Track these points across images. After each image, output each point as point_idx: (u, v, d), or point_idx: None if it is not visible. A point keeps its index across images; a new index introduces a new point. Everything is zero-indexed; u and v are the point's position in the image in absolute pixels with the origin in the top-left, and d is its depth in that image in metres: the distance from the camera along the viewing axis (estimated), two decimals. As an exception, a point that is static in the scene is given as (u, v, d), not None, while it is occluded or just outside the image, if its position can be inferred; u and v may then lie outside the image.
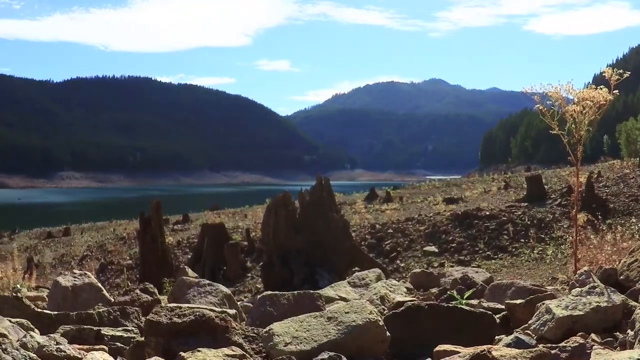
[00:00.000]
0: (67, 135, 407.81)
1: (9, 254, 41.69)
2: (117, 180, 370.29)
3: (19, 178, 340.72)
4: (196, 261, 32.30)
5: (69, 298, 9.38)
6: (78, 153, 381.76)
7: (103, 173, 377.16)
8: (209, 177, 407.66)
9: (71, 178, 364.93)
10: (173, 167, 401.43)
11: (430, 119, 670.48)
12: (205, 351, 4.43)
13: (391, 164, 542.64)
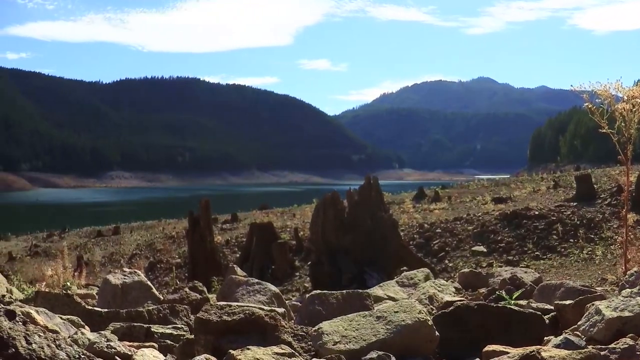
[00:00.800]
0: (116, 135, 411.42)
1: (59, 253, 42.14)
2: (166, 180, 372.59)
3: (69, 178, 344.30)
4: (244, 260, 32.38)
5: (118, 296, 9.46)
6: (127, 153, 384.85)
7: (152, 173, 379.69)
8: (258, 177, 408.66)
9: (120, 178, 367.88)
10: (222, 166, 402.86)
11: (479, 118, 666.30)
12: (254, 349, 4.43)
13: (439, 163, 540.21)
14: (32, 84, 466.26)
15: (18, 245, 60.59)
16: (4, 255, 50.54)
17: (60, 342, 2.94)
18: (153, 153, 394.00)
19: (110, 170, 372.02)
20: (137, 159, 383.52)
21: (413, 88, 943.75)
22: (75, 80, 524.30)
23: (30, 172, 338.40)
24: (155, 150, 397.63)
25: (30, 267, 40.62)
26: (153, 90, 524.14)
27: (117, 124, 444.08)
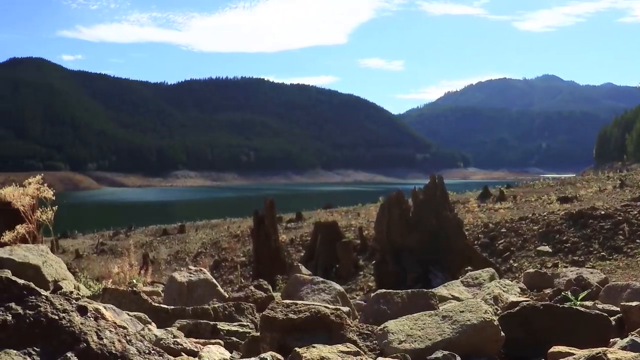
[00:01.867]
0: (181, 135, 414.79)
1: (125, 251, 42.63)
2: (231, 179, 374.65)
3: (136, 177, 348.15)
4: (309, 259, 32.47)
5: (184, 293, 9.54)
6: (193, 153, 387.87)
7: (217, 172, 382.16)
8: (322, 176, 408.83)
9: (186, 177, 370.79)
10: (286, 165, 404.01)
11: (544, 116, 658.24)
12: (320, 347, 4.45)
13: (504, 162, 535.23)
14: (97, 85, 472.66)
15: (85, 243, 61.47)
16: (71, 252, 51.28)
17: (131, 337, 2.98)
18: (218, 152, 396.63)
19: (176, 169, 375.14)
20: (202, 159, 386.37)
21: (477, 86, 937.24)
22: (141, 81, 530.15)
23: (97, 172, 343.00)
24: (220, 149, 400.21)
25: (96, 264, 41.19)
26: (218, 91, 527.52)
27: (182, 124, 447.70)
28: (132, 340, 2.98)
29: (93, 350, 2.81)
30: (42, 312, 2.86)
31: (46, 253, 9.57)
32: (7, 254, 8.85)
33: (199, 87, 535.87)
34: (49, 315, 2.86)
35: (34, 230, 12.21)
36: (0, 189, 12.64)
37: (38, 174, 12.72)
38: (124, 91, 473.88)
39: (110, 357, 2.82)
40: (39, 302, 2.91)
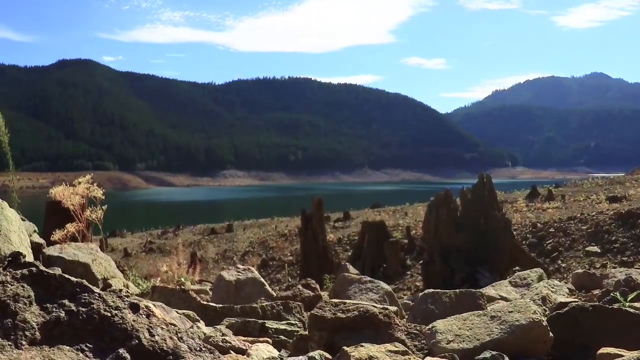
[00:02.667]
0: (229, 135, 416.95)
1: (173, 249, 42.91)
2: (278, 179, 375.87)
3: (184, 177, 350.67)
4: (356, 258, 32.45)
5: (232, 292, 9.58)
6: (241, 152, 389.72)
7: (265, 171, 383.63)
8: (370, 175, 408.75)
9: (234, 176, 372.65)
10: (334, 165, 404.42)
11: (593, 114, 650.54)
12: (368, 346, 4.45)
13: (553, 161, 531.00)
14: (145, 86, 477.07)
15: (133, 241, 61.98)
16: (119, 251, 51.75)
17: (182, 334, 3.00)
18: (266, 152, 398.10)
19: (224, 169, 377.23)
20: (250, 158, 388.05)
21: (525, 84, 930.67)
22: (189, 81, 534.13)
23: (145, 171, 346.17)
24: (268, 149, 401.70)
25: (145, 262, 41.55)
26: (265, 91, 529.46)
27: (230, 124, 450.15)
28: (184, 337, 3.01)
29: (145, 347, 2.84)
30: (95, 309, 2.90)
31: (95, 251, 9.66)
32: (57, 252, 8.94)
33: (246, 87, 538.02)
34: (101, 312, 2.90)
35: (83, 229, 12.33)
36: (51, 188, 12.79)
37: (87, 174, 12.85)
38: (172, 91, 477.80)
39: (162, 353, 2.85)
40: (91, 299, 2.95)
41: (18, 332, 2.72)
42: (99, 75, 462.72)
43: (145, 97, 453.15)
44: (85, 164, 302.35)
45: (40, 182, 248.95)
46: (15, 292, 2.85)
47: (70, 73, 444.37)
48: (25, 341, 2.71)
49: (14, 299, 2.82)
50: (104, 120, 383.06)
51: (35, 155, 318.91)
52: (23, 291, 2.87)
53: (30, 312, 2.79)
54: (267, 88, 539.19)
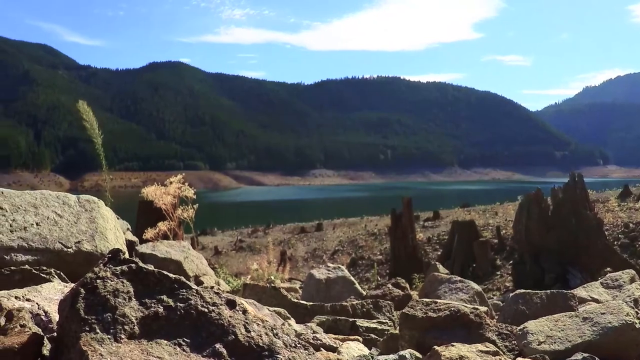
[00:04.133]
0: (319, 134, 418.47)
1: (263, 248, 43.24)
2: (368, 178, 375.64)
3: (274, 176, 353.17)
4: (446, 258, 32.30)
5: (322, 290, 9.63)
6: (330, 151, 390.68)
7: (354, 170, 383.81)
8: (459, 174, 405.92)
9: (324, 176, 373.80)
10: (423, 164, 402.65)
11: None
12: (458, 346, 4.44)
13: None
14: (235, 87, 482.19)
15: (224, 240, 62.65)
16: (210, 249, 52.37)
17: (277, 330, 3.05)
18: (355, 151, 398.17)
19: (314, 168, 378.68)
20: (339, 157, 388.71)
21: (616, 80, 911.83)
22: (278, 82, 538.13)
23: (236, 171, 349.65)
24: (357, 148, 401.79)
25: (235, 260, 41.98)
26: (353, 90, 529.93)
27: (320, 123, 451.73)
28: (279, 333, 3.06)
29: (241, 342, 2.90)
30: (193, 304, 2.97)
31: (187, 249, 9.82)
32: (150, 250, 9.11)
33: (335, 86, 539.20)
34: (199, 307, 2.96)
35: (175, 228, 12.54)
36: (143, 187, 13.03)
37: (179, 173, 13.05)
38: (262, 92, 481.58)
39: (258, 349, 2.90)
40: (189, 295, 3.02)
41: (117, 326, 2.80)
42: (189, 77, 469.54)
43: (235, 98, 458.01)
44: (177, 164, 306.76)
45: (132, 182, 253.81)
46: (115, 288, 2.94)
47: (160, 75, 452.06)
48: (124, 335, 2.79)
49: (114, 294, 2.91)
50: (195, 121, 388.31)
51: (127, 156, 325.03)
52: (123, 287, 2.95)
53: (129, 307, 2.87)
54: (355, 87, 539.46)
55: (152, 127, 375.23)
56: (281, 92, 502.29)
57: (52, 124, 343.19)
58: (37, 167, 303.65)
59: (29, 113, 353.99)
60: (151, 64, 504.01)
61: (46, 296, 4.41)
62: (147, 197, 12.40)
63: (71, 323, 2.89)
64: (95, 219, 6.71)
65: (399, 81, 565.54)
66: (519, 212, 24.21)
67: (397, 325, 6.04)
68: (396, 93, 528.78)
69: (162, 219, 12.45)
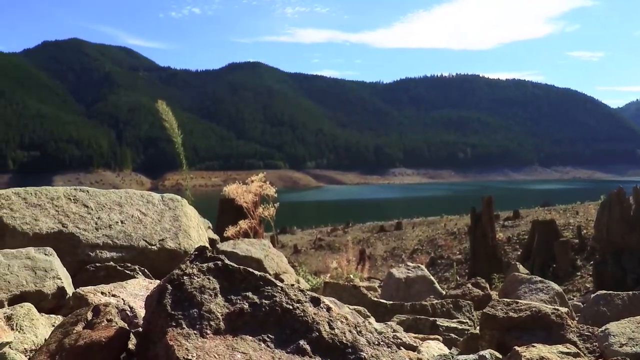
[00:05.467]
0: (398, 133, 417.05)
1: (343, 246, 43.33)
2: (447, 176, 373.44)
3: (353, 175, 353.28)
4: (526, 257, 32.02)
5: (401, 289, 9.65)
6: (409, 150, 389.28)
7: (434, 169, 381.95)
8: (540, 173, 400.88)
9: (403, 174, 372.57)
10: (503, 162, 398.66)
11: None
12: (539, 347, 4.43)
13: None
14: (314, 86, 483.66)
15: (303, 238, 62.93)
16: (289, 247, 52.63)
17: (361, 328, 3.09)
18: (434, 150, 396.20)
19: (393, 167, 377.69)
20: (418, 156, 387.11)
21: None
22: (357, 81, 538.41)
23: (316, 170, 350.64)
24: (437, 146, 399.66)
25: (314, 259, 42.10)
26: (433, 88, 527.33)
27: (399, 122, 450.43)
28: (362, 331, 3.10)
29: (324, 339, 2.95)
30: (277, 301, 3.02)
31: (268, 247, 9.91)
32: (231, 248, 9.22)
33: (414, 85, 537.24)
34: (283, 304, 3.02)
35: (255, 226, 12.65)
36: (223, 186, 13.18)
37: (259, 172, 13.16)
38: (340, 91, 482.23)
39: (341, 346, 2.95)
40: (274, 292, 3.08)
41: (203, 322, 2.87)
42: (268, 77, 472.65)
43: (314, 98, 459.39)
44: (257, 163, 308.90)
45: (212, 181, 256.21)
46: (202, 284, 3.01)
47: (240, 75, 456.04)
48: (210, 330, 2.86)
49: (200, 291, 2.98)
50: (274, 121, 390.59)
51: (207, 155, 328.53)
52: (209, 283, 3.03)
53: (215, 303, 2.94)
54: (434, 86, 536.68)
55: (231, 126, 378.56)
56: (360, 90, 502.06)
57: (133, 124, 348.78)
58: (119, 166, 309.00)
59: (110, 114, 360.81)
60: (230, 64, 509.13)
61: (131, 292, 4.52)
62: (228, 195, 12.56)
63: (158, 318, 2.96)
64: (179, 217, 6.82)
65: (478, 79, 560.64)
66: (600, 211, 23.90)
67: (477, 325, 6.04)
68: (475, 91, 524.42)
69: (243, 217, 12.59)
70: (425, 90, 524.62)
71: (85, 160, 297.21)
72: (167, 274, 3.17)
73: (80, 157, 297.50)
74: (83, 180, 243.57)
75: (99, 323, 3.41)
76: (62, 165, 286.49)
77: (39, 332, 3.90)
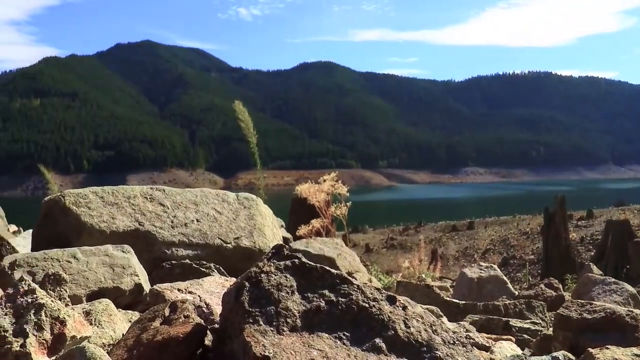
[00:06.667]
0: (470, 132, 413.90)
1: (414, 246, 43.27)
2: (520, 175, 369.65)
3: (425, 174, 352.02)
4: (599, 258, 31.63)
5: (474, 289, 9.64)
6: (481, 149, 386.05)
7: (506, 168, 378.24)
8: (614, 172, 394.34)
9: (475, 173, 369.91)
10: (576, 161, 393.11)
11: None
12: (613, 349, 4.40)
13: None
14: (385, 85, 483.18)
15: (375, 237, 62.99)
16: (361, 246, 52.69)
17: (436, 327, 3.12)
18: (507, 148, 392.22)
19: (465, 166, 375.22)
20: (491, 155, 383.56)
21: None
22: (428, 80, 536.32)
23: (387, 169, 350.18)
24: (509, 145, 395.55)
25: (385, 258, 42.14)
26: (504, 86, 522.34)
27: (471, 120, 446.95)
28: (438, 330, 3.13)
29: (400, 337, 2.99)
30: (354, 300, 3.07)
31: (340, 246, 9.96)
32: (304, 247, 9.30)
33: (486, 83, 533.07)
34: (360, 303, 3.07)
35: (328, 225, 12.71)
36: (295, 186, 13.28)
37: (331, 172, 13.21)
38: (412, 90, 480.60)
39: (416, 344, 2.98)
40: (350, 290, 3.12)
41: (280, 319, 2.93)
42: (340, 76, 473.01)
43: (385, 96, 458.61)
44: (329, 162, 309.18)
45: (284, 180, 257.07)
46: (279, 282, 3.07)
47: (311, 75, 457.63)
48: (286, 327, 2.92)
49: (277, 288, 3.05)
50: (346, 120, 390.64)
51: (279, 154, 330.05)
52: (286, 281, 3.09)
53: (292, 301, 3.00)
54: (506, 83, 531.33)
55: (303, 126, 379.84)
56: (432, 89, 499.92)
57: (206, 124, 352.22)
58: (192, 166, 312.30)
59: (183, 114, 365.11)
60: (302, 64, 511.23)
61: (207, 289, 4.61)
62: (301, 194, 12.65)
63: (235, 315, 3.03)
64: (254, 216, 6.92)
65: (551, 76, 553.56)
66: (677, 211, 23.54)
67: (550, 326, 6.01)
68: (548, 88, 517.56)
69: (315, 216, 12.66)
70: (497, 88, 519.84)
71: (159, 160, 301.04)
72: (242, 272, 3.24)
73: (154, 157, 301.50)
74: (156, 180, 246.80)
75: (176, 319, 3.50)
76: (135, 164, 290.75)
77: (117, 328, 4.01)
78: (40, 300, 3.48)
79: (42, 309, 3.44)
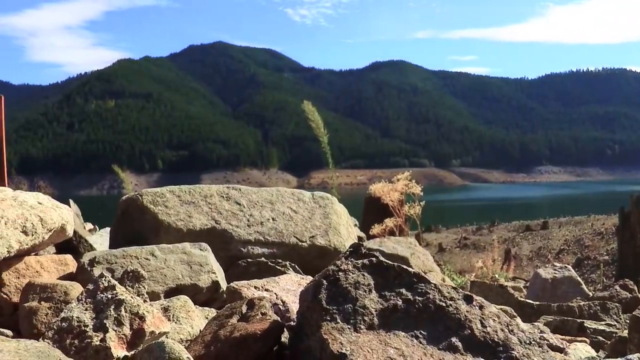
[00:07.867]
0: (544, 130, 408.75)
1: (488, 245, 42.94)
2: (595, 174, 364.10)
3: (498, 173, 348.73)
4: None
5: (547, 289, 9.59)
6: (555, 147, 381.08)
7: (581, 167, 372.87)
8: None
9: (549, 172, 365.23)
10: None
11: None
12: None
13: None
14: (458, 84, 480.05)
15: (448, 237, 62.58)
16: (434, 246, 52.39)
17: (513, 327, 3.14)
18: (581, 147, 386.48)
19: (539, 165, 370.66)
20: (565, 153, 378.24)
21: None
22: (501, 77, 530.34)
23: (461, 168, 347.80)
24: (584, 144, 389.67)
25: (458, 258, 41.87)
26: (579, 84, 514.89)
27: (545, 118, 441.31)
28: (514, 330, 3.15)
29: (476, 337, 3.02)
30: (431, 298, 3.11)
31: (414, 245, 9.98)
32: (377, 246, 9.34)
33: (559, 80, 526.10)
34: (437, 302, 3.10)
35: (401, 224, 12.73)
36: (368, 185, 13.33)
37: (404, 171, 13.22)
38: (485, 88, 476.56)
39: (492, 344, 3.01)
40: (428, 289, 3.16)
41: (357, 317, 2.98)
42: (412, 75, 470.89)
43: (458, 95, 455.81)
44: (401, 161, 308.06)
45: (357, 179, 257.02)
46: (356, 280, 3.12)
47: (384, 74, 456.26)
48: (363, 325, 2.97)
49: (355, 287, 3.10)
50: (419, 119, 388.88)
51: (352, 154, 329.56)
52: (363, 279, 3.14)
53: (369, 299, 3.05)
54: (580, 81, 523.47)
55: (376, 125, 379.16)
56: (504, 87, 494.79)
57: (279, 124, 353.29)
58: (265, 165, 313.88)
59: (256, 114, 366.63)
60: (374, 63, 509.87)
61: (283, 287, 4.68)
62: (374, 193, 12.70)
63: (312, 312, 3.09)
64: (329, 215, 6.98)
65: (626, 73, 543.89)
66: None
67: (625, 328, 5.97)
68: (622, 85, 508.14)
69: (388, 215, 12.70)
70: (571, 85, 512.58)
71: (233, 160, 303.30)
72: (317, 270, 3.30)
73: (228, 157, 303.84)
74: (230, 179, 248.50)
75: (253, 316, 3.57)
76: (209, 164, 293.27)
77: (195, 324, 4.10)
78: (120, 296, 3.59)
79: (122, 305, 3.55)
